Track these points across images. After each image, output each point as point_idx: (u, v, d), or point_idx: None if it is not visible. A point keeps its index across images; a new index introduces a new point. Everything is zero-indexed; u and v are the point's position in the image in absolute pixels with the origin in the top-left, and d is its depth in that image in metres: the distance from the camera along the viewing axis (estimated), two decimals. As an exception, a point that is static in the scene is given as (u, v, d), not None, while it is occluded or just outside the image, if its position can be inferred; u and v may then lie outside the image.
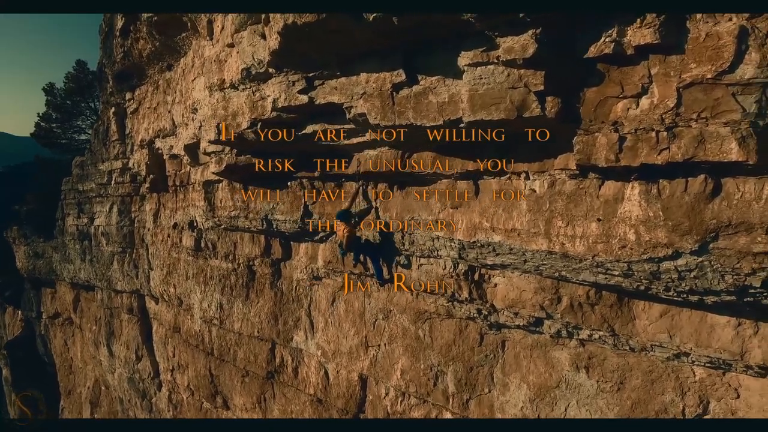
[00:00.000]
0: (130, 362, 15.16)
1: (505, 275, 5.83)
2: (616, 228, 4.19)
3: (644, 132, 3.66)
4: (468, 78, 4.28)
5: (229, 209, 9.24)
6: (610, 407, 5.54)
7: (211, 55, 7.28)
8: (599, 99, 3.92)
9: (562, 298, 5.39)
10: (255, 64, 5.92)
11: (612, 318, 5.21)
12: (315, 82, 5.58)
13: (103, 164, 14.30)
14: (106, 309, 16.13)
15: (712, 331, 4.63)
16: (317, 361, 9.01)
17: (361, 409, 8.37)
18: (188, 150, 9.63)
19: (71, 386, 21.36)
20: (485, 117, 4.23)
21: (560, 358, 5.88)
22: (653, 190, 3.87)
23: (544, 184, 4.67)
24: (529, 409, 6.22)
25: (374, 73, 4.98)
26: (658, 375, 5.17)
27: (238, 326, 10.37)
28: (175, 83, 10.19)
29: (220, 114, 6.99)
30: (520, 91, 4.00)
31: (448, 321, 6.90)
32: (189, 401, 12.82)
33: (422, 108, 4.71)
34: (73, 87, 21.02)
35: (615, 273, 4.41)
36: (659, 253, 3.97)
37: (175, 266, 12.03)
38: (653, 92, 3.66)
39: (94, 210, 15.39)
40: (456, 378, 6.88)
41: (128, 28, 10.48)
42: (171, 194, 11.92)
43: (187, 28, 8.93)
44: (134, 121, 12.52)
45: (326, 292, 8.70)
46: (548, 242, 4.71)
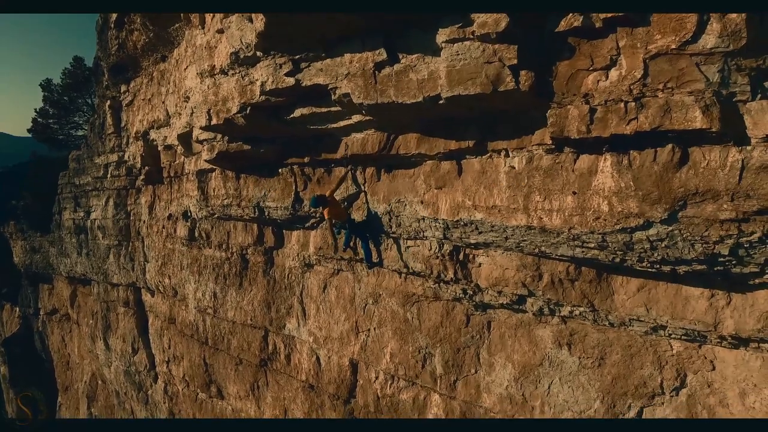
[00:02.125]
0: (127, 355, 15.26)
1: (488, 254, 5.94)
2: (590, 200, 4.31)
3: (613, 103, 3.78)
4: (446, 55, 4.40)
5: (222, 198, 9.35)
6: (591, 383, 5.66)
7: (202, 43, 7.40)
8: (570, 72, 4.04)
9: (543, 274, 5.51)
10: (243, 48, 6.04)
11: (591, 293, 5.33)
12: (301, 64, 5.70)
13: (99, 157, 14.41)
14: (102, 303, 16.22)
15: (686, 303, 4.75)
16: (309, 348, 9.11)
17: (352, 393, 8.48)
18: (181, 139, 9.74)
19: (68, 382, 21.45)
20: (462, 92, 4.34)
21: (543, 336, 5.99)
22: (624, 161, 3.99)
23: (522, 161, 4.79)
24: (513, 388, 6.33)
25: (357, 53, 5.10)
26: (637, 349, 5.29)
27: (231, 315, 10.47)
28: (168, 74, 10.30)
29: (211, 100, 7.10)
30: (495, 65, 4.12)
31: (436, 303, 7.02)
32: (184, 392, 12.92)
33: (403, 86, 4.83)
34: (70, 83, 21.13)
35: (591, 245, 4.53)
36: (631, 223, 4.09)
37: (170, 257, 12.13)
38: (621, 64, 3.78)
39: (90, 204, 15.49)
40: (443, 359, 6.99)
41: (123, 20, 10.59)
42: (166, 185, 12.03)
43: (180, 19, 9.05)
44: (129, 114, 12.63)
45: (318, 279, 8.81)
46: (527, 217, 4.83)
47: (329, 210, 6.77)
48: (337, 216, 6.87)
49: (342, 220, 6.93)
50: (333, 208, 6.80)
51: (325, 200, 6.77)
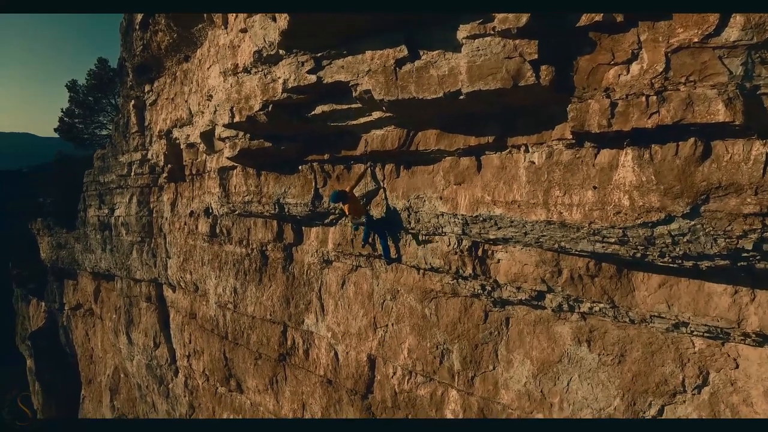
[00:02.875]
0: (148, 349, 15.61)
1: (507, 250, 5.96)
2: (611, 195, 4.31)
3: (635, 97, 3.78)
4: (466, 50, 4.45)
5: (243, 194, 9.53)
6: (611, 380, 5.64)
7: (225, 42, 7.57)
8: (591, 67, 4.05)
9: (563, 270, 5.51)
10: (266, 46, 6.17)
11: (612, 290, 5.32)
12: (323, 62, 5.80)
13: (123, 156, 14.78)
14: (125, 298, 16.62)
15: (709, 299, 4.71)
16: (327, 343, 9.23)
17: (370, 389, 8.56)
18: (204, 137, 9.95)
19: (92, 375, 22.00)
20: (483, 87, 4.39)
21: (562, 332, 5.99)
22: (645, 155, 3.98)
23: (542, 156, 4.81)
24: (532, 385, 6.33)
25: (378, 50, 5.18)
26: (658, 347, 5.25)
27: (251, 310, 10.66)
28: (191, 74, 10.54)
29: (234, 98, 7.26)
30: (516, 60, 4.16)
31: (454, 299, 7.06)
32: (204, 386, 13.17)
33: (423, 81, 4.89)
34: (94, 83, 21.72)
35: (611, 240, 4.53)
36: (652, 218, 4.08)
37: (192, 253, 12.39)
38: (643, 58, 3.79)
39: (114, 201, 15.89)
40: (461, 355, 7.02)
41: (147, 21, 10.87)
42: (188, 183, 12.29)
43: (203, 19, 9.26)
44: (153, 113, 12.94)
45: (336, 275, 8.92)
46: (547, 212, 4.84)
47: (349, 206, 6.87)
48: (357, 212, 6.97)
49: (361, 216, 7.03)
50: (352, 204, 6.90)
51: (345, 196, 6.87)
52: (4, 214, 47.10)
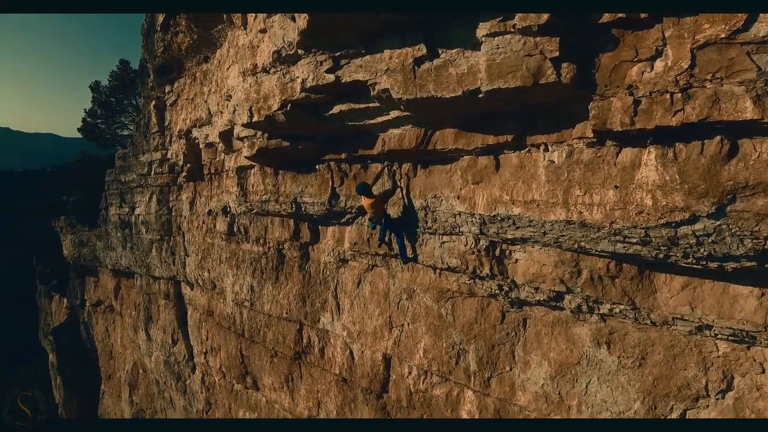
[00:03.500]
0: (167, 346, 15.85)
1: (525, 250, 5.91)
2: (633, 194, 4.24)
3: (659, 94, 3.72)
4: (486, 48, 4.42)
5: (261, 193, 9.62)
6: (631, 383, 5.55)
7: (245, 43, 7.66)
8: (614, 64, 3.99)
9: (582, 271, 5.44)
10: (285, 46, 6.22)
11: (633, 291, 5.23)
12: (341, 61, 5.83)
13: (144, 155, 15.04)
14: (144, 295, 16.91)
15: (734, 302, 4.61)
16: (343, 342, 9.26)
17: (385, 388, 8.56)
18: (223, 137, 10.08)
19: (111, 371, 22.44)
20: (502, 85, 4.36)
21: (581, 334, 5.91)
22: (669, 153, 3.91)
23: (562, 154, 4.75)
24: (549, 387, 6.27)
25: (397, 49, 5.19)
26: (681, 350, 5.15)
27: (267, 308, 10.75)
28: (211, 74, 10.69)
29: (253, 97, 7.34)
30: (536, 58, 4.12)
31: (471, 299, 7.02)
32: (221, 383, 13.32)
33: (442, 80, 4.88)
34: (116, 84, 22.19)
35: (633, 240, 4.45)
36: (676, 218, 4.00)
37: (210, 251, 12.56)
38: (667, 54, 3.72)
39: (135, 200, 16.19)
40: (478, 356, 6.98)
41: (168, 23, 11.06)
42: (206, 182, 12.46)
43: (222, 20, 9.38)
44: (173, 113, 13.15)
45: (352, 274, 8.94)
46: (566, 212, 4.79)
47: (370, 201, 6.87)
48: (376, 209, 6.97)
49: (379, 215, 7.03)
50: (374, 200, 6.90)
51: (369, 189, 6.92)
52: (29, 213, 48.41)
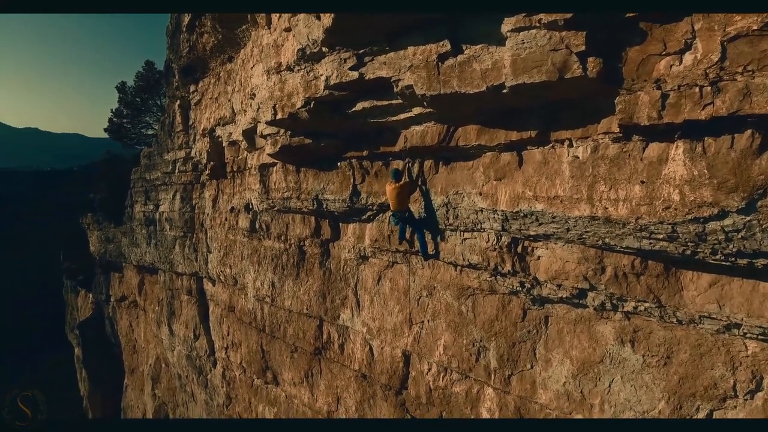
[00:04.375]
0: (189, 341, 16.17)
1: (548, 246, 5.89)
2: (660, 189, 4.20)
3: (687, 88, 3.68)
4: (511, 44, 4.43)
5: (283, 191, 9.76)
6: (656, 382, 5.48)
7: (269, 42, 7.79)
8: (641, 58, 3.96)
9: (606, 268, 5.39)
10: (310, 44, 6.32)
11: (658, 288, 5.17)
12: (365, 58, 5.90)
13: (168, 154, 15.38)
14: (167, 290, 17.28)
15: (764, 300, 4.52)
16: (362, 338, 9.32)
17: (404, 384, 8.60)
18: (246, 135, 10.26)
19: (135, 365, 22.97)
20: (527, 80, 4.36)
21: (604, 332, 5.86)
22: (698, 148, 3.86)
23: (587, 150, 4.73)
24: (571, 385, 6.22)
25: (421, 46, 5.23)
26: (708, 349, 5.07)
27: (288, 304, 10.89)
28: (235, 73, 10.89)
29: (277, 95, 7.47)
30: (562, 52, 4.11)
31: (491, 297, 7.01)
32: (241, 378, 13.54)
33: (466, 76, 4.90)
34: (142, 85, 22.73)
35: (659, 236, 4.41)
36: (704, 213, 3.95)
37: (232, 248, 12.78)
38: (697, 47, 3.68)
39: (159, 197, 16.56)
40: (498, 353, 6.97)
41: (194, 24, 11.31)
42: (229, 180, 12.68)
43: (246, 20, 9.55)
44: (197, 112, 13.43)
45: (372, 271, 9.00)
46: (591, 207, 4.76)
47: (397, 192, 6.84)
48: (401, 203, 6.96)
49: (403, 207, 7.02)
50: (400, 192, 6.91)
51: (402, 176, 6.99)
52: (56, 210, 49.88)
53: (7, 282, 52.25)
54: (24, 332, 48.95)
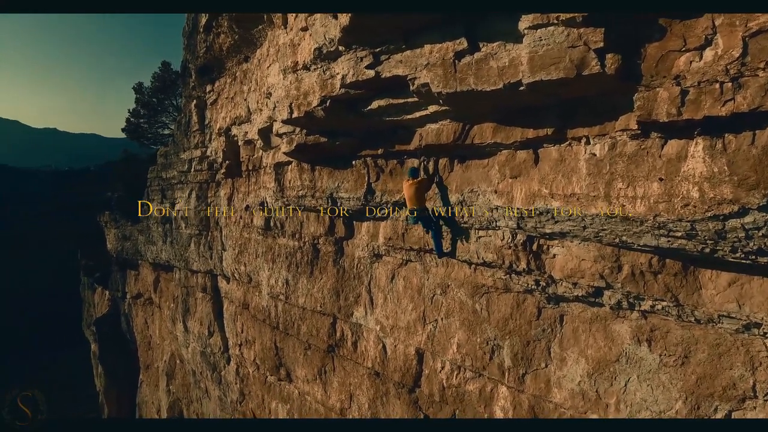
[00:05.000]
0: (203, 337, 16.37)
1: (563, 245, 5.87)
2: (678, 186, 4.18)
3: (707, 84, 3.66)
4: (528, 41, 4.44)
5: (297, 189, 9.85)
6: (673, 382, 5.43)
7: (285, 41, 7.88)
8: (660, 54, 3.95)
9: (623, 266, 5.36)
10: (326, 43, 6.39)
11: (676, 287, 5.13)
12: (381, 56, 5.94)
13: (184, 153, 15.60)
14: (183, 288, 17.52)
15: (785, 299, 4.47)
16: (376, 336, 9.37)
17: (417, 382, 8.63)
18: (261, 134, 10.37)
19: (150, 361, 23.30)
20: (544, 77, 4.37)
21: (620, 331, 5.83)
22: (718, 144, 3.84)
23: (604, 147, 4.72)
24: (587, 384, 6.20)
25: (437, 44, 5.26)
26: (726, 348, 5.02)
27: (302, 301, 10.98)
28: (251, 73, 11.02)
29: (293, 94, 7.56)
30: (580, 49, 4.11)
31: (506, 295, 7.01)
32: (254, 374, 13.67)
33: (483, 73, 4.92)
34: (158, 85, 23.08)
35: (678, 234, 4.38)
36: (724, 210, 3.92)
37: (246, 246, 12.92)
38: (717, 43, 3.65)
39: (175, 196, 16.80)
40: (512, 352, 6.96)
41: (211, 24, 11.47)
42: (244, 178, 12.83)
43: (263, 21, 9.67)
44: (213, 112, 13.60)
45: (386, 269, 9.05)
46: (608, 205, 4.75)
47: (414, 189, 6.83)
48: (418, 201, 6.92)
49: (421, 205, 6.98)
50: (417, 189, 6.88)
51: (419, 175, 7.00)
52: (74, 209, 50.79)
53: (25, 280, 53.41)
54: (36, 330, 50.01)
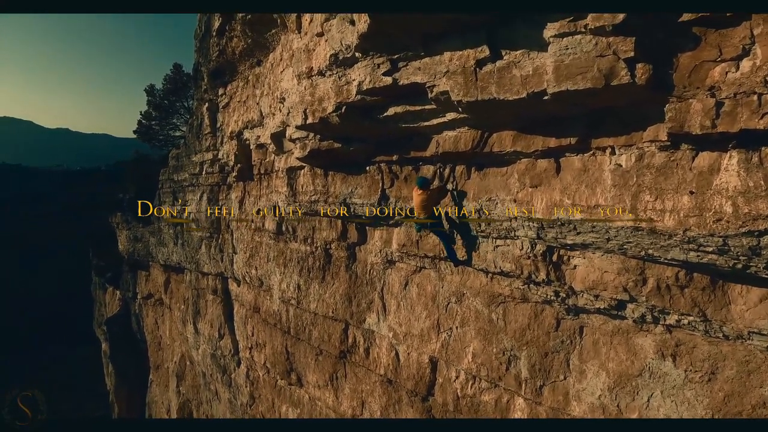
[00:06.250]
0: (213, 339, 16.38)
1: (585, 256, 5.73)
2: (710, 200, 4.03)
3: (744, 96, 3.51)
4: (554, 49, 4.31)
5: (310, 194, 9.78)
6: (699, 399, 5.28)
7: (300, 46, 7.81)
8: (694, 64, 3.81)
9: (648, 279, 5.22)
10: (343, 50, 6.30)
11: (704, 302, 4.97)
12: (399, 63, 5.84)
13: (196, 156, 15.62)
14: (193, 290, 17.54)
15: (820, 317, 4.31)
16: (388, 343, 9.27)
17: (431, 391, 8.51)
18: (274, 138, 10.32)
19: (160, 361, 23.40)
20: (571, 87, 4.24)
21: (644, 345, 5.68)
22: (754, 158, 3.69)
23: (631, 158, 4.58)
24: (607, 398, 6.05)
25: (458, 51, 5.14)
26: (756, 366, 4.86)
27: (314, 306, 10.91)
28: (263, 77, 10.97)
29: (307, 100, 7.48)
30: (609, 58, 3.98)
31: (523, 305, 6.88)
32: (264, 378, 13.63)
33: (505, 82, 4.80)
34: (170, 87, 23.17)
35: (708, 249, 4.23)
36: (760, 226, 3.77)
37: (258, 249, 12.88)
38: (756, 53, 3.51)
39: (186, 198, 16.83)
40: (530, 363, 6.83)
41: (224, 28, 11.45)
42: (256, 182, 12.79)
43: (276, 25, 9.61)
44: (225, 115, 13.58)
45: (399, 275, 8.95)
46: (634, 217, 4.60)
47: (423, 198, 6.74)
48: (426, 209, 6.82)
49: (428, 214, 6.86)
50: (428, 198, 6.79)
51: (429, 185, 6.88)
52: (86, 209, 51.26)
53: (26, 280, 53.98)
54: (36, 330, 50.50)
